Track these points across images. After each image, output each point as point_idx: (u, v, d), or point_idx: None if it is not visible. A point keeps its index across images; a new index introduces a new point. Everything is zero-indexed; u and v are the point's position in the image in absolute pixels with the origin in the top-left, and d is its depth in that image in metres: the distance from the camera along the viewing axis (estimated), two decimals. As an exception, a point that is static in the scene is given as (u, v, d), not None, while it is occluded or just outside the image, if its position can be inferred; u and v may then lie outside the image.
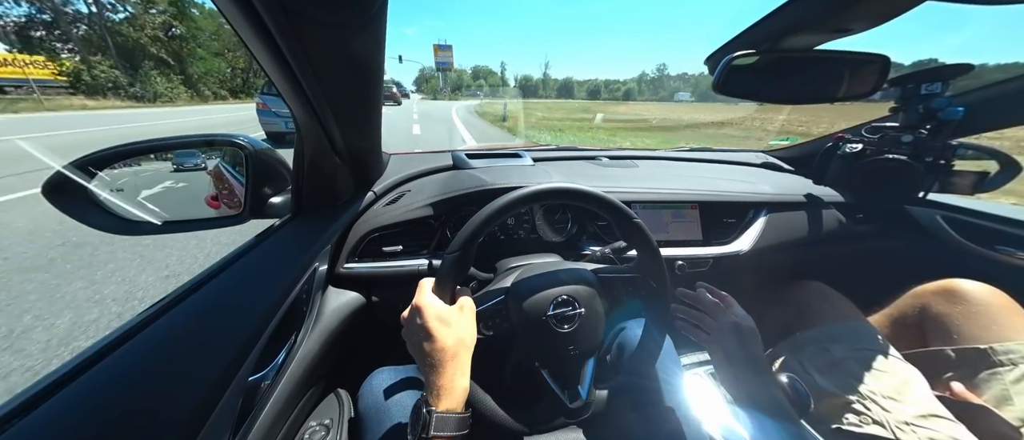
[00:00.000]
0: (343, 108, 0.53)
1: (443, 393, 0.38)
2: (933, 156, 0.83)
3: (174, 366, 0.36)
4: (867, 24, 0.54)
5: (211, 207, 0.69)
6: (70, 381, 0.32)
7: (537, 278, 0.51)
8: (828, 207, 0.98)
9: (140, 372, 0.34)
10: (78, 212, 0.50)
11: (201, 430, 0.34)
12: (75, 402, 0.30)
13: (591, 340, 0.50)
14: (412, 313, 0.42)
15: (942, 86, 0.80)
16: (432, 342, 0.39)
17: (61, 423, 0.28)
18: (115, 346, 0.36)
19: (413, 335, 0.41)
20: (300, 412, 0.57)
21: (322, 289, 0.64)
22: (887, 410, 0.57)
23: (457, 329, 0.41)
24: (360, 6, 0.35)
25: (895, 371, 0.62)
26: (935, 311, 0.72)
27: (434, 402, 0.37)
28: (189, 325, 0.41)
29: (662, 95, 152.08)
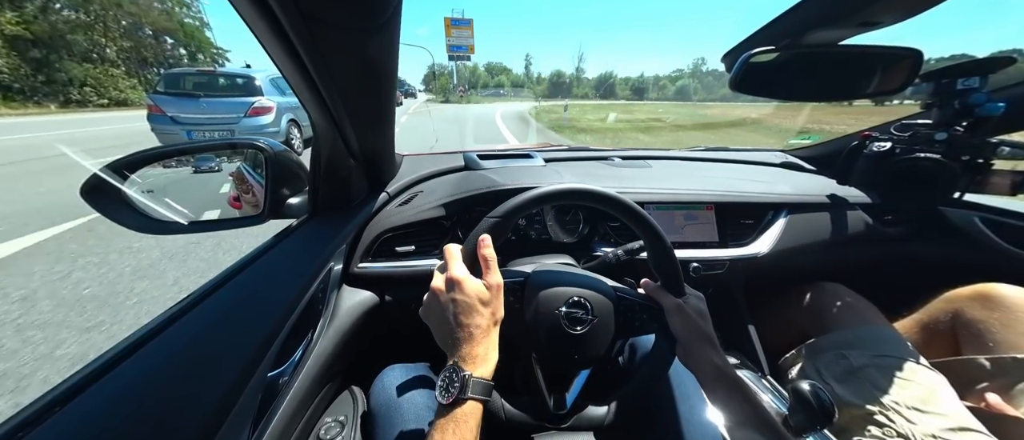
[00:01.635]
0: (358, 110, 0.54)
1: (478, 361, 0.38)
2: (970, 154, 0.79)
3: (198, 362, 0.37)
4: (897, 17, 0.51)
5: (234, 208, 0.72)
6: (102, 376, 0.34)
7: (558, 273, 0.51)
8: (853, 208, 0.94)
9: (166, 368, 0.36)
10: (113, 212, 0.53)
11: (223, 424, 0.35)
12: (106, 396, 0.32)
13: (594, 351, 0.49)
14: (448, 284, 0.42)
15: (981, 80, 0.75)
16: (470, 316, 0.40)
17: (94, 415, 0.30)
18: (144, 342, 0.38)
19: (447, 306, 0.41)
20: (316, 408, 0.59)
21: (337, 288, 0.65)
22: (912, 422, 0.54)
23: (493, 307, 0.42)
24: (375, 10, 0.36)
25: (921, 380, 0.59)
26: (969, 317, 0.68)
27: (469, 367, 0.38)
28: (212, 323, 0.42)
29: (724, 93, 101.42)
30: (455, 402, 0.36)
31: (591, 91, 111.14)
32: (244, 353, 0.40)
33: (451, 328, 0.40)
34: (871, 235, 0.93)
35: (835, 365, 0.67)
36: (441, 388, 0.37)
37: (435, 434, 0.35)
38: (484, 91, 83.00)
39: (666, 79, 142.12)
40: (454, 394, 0.36)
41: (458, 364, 0.38)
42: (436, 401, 0.37)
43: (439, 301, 0.42)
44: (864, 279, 0.87)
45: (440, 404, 0.36)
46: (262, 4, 0.31)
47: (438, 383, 0.38)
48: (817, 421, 0.50)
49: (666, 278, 0.51)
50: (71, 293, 1.80)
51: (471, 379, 0.37)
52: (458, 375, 0.37)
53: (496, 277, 0.44)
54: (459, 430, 0.35)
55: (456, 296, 0.41)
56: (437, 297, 0.42)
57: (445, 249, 0.45)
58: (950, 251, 0.94)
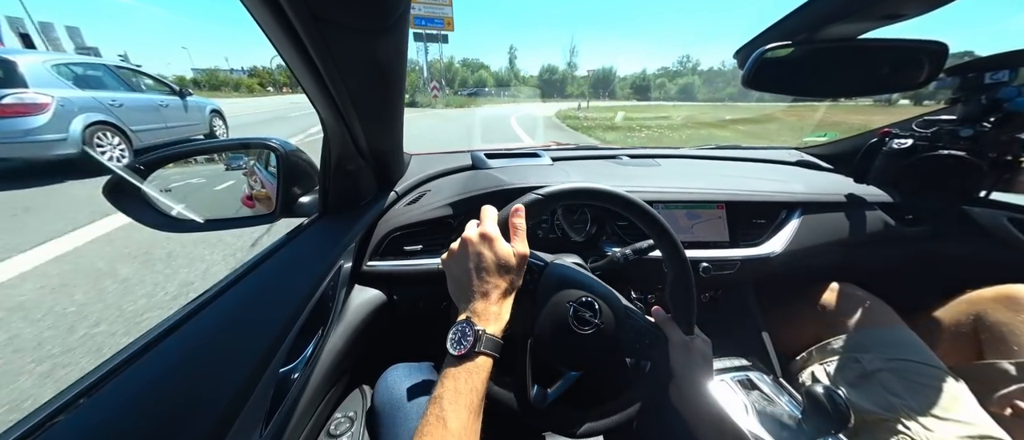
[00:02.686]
0: (367, 110, 0.55)
1: (492, 318, 0.39)
2: (998, 152, 0.75)
3: (212, 359, 0.38)
4: (921, 8, 0.49)
5: (247, 206, 0.74)
6: (121, 371, 0.35)
7: (577, 272, 0.51)
8: (872, 207, 0.91)
9: (182, 364, 0.37)
10: (133, 210, 0.54)
11: (236, 419, 0.36)
12: (125, 391, 0.33)
13: (589, 356, 0.49)
14: (480, 238, 0.42)
15: (1010, 74, 0.72)
16: (492, 275, 0.41)
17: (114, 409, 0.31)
18: (160, 339, 0.39)
19: (473, 258, 0.42)
20: (326, 404, 0.60)
21: (347, 286, 0.66)
22: (930, 429, 0.52)
23: (514, 274, 0.43)
24: (384, 11, 0.36)
25: (939, 385, 0.56)
26: (993, 319, 0.65)
27: (482, 323, 0.38)
28: (226, 320, 0.44)
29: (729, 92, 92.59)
30: (467, 355, 0.36)
31: (588, 90, 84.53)
32: (257, 350, 0.41)
33: (471, 280, 0.41)
34: (890, 235, 0.90)
35: (847, 369, 0.65)
36: (453, 340, 0.37)
37: (447, 382, 0.35)
38: (464, 90, 65.37)
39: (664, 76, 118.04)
40: (467, 347, 0.36)
41: (471, 319, 0.38)
42: (449, 354, 0.37)
43: (467, 251, 0.43)
44: (882, 280, 0.85)
45: (450, 355, 0.37)
46: (274, 5, 0.32)
47: (450, 335, 0.38)
48: (832, 425, 0.49)
49: (680, 312, 0.50)
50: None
51: (484, 334, 0.37)
52: (471, 328, 0.37)
53: (523, 247, 0.44)
54: (471, 380, 0.35)
55: (484, 251, 0.41)
56: (466, 247, 0.43)
57: (483, 208, 0.46)
58: (975, 252, 0.90)
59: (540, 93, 75.40)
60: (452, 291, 0.44)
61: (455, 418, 0.32)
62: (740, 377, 0.77)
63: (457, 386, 0.34)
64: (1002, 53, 0.72)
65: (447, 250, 0.45)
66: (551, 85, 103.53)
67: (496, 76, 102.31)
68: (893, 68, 0.62)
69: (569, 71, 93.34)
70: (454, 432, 0.31)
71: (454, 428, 0.32)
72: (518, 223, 0.45)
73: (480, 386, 0.35)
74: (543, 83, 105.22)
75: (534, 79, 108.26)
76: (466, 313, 0.40)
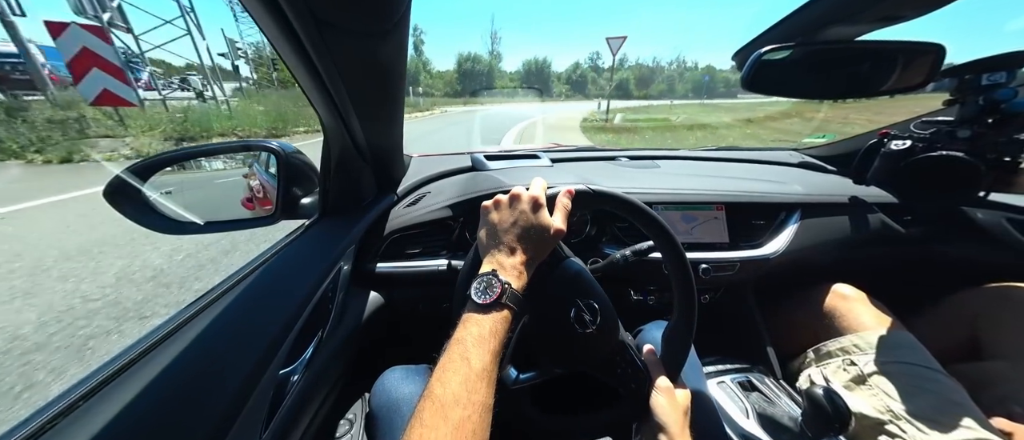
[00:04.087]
0: (367, 111, 0.55)
1: (516, 275, 0.39)
2: (996, 153, 0.76)
3: (212, 361, 0.38)
4: (919, 10, 0.50)
5: (247, 209, 0.74)
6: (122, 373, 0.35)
7: (593, 279, 0.51)
8: (871, 209, 0.91)
9: (182, 366, 0.37)
10: (133, 213, 0.55)
11: (237, 419, 0.36)
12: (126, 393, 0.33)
13: (574, 358, 0.48)
14: (529, 201, 0.43)
15: (1007, 75, 0.72)
16: (527, 237, 0.42)
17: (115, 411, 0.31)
18: (162, 341, 0.39)
19: (515, 215, 0.43)
20: (325, 407, 0.60)
21: (346, 288, 0.66)
22: (925, 432, 0.51)
23: (545, 247, 0.44)
24: (384, 15, 0.36)
25: (935, 388, 0.56)
26: (989, 318, 0.65)
27: (507, 276, 0.39)
28: (226, 321, 0.44)
29: (659, 88, 72.97)
30: (493, 304, 0.36)
31: (519, 85, 64.74)
32: (257, 351, 0.41)
33: (507, 233, 0.42)
34: (889, 236, 0.90)
35: (843, 372, 0.65)
36: (478, 290, 0.38)
37: (470, 327, 0.35)
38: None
39: (592, 71, 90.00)
40: (494, 296, 0.37)
41: (497, 272, 0.39)
42: (471, 303, 0.37)
43: (511, 207, 0.44)
44: (881, 282, 0.85)
45: (474, 303, 0.37)
46: (274, 8, 0.32)
47: (474, 285, 0.38)
48: (831, 427, 0.49)
49: (672, 358, 0.50)
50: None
51: (510, 288, 0.38)
52: (499, 280, 0.38)
53: (562, 225, 0.45)
54: (495, 327, 0.35)
55: (529, 212, 0.42)
56: (513, 201, 0.44)
57: (535, 178, 0.47)
58: (974, 253, 0.90)
59: (456, 92, 46.11)
60: (482, 237, 0.44)
61: (478, 359, 0.33)
62: (740, 379, 0.77)
63: (481, 332, 0.35)
64: (999, 54, 0.72)
65: (492, 199, 0.46)
66: (473, 79, 73.66)
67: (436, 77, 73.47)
68: (891, 69, 0.62)
69: (493, 61, 62.95)
70: (477, 372, 0.32)
71: (477, 368, 0.32)
72: (566, 203, 0.46)
73: (502, 336, 0.36)
74: (463, 76, 74.06)
75: (451, 72, 77.52)
76: (491, 265, 0.40)
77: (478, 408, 0.30)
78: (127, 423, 0.31)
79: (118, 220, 0.53)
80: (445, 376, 0.32)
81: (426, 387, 0.32)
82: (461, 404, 0.30)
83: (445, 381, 0.31)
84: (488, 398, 0.32)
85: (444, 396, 0.30)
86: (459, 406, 0.30)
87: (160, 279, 1.99)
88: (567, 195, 0.46)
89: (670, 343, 0.50)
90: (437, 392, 0.31)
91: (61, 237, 2.51)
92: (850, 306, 0.77)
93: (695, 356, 0.63)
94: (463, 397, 0.30)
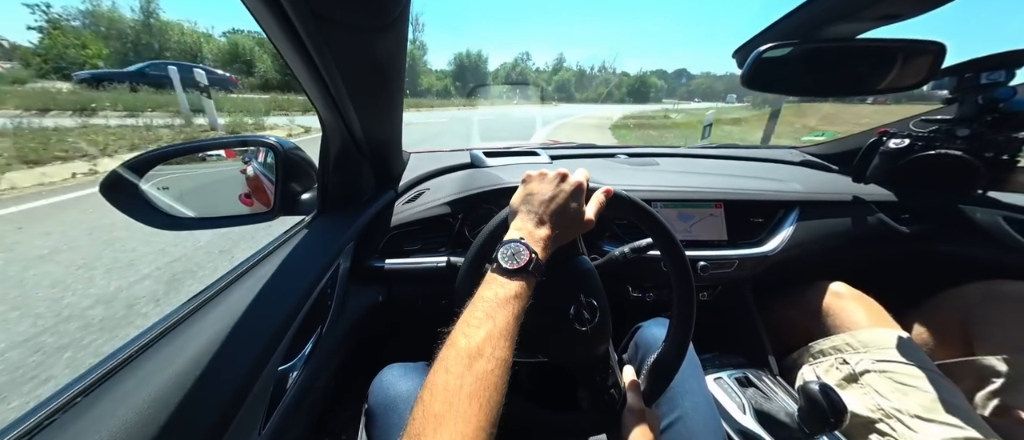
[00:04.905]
0: (366, 107, 0.55)
1: (541, 246, 0.40)
2: (994, 151, 0.76)
3: (211, 358, 0.38)
4: (918, 9, 0.50)
5: (244, 205, 0.74)
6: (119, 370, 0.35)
7: (599, 281, 0.51)
8: (869, 207, 0.91)
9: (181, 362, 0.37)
10: (130, 209, 0.54)
11: (236, 415, 0.36)
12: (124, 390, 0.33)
13: (561, 351, 0.49)
14: (572, 185, 0.44)
15: (1006, 74, 0.72)
16: (561, 215, 0.43)
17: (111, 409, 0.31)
18: (160, 337, 0.39)
19: (556, 190, 0.43)
20: (324, 402, 0.60)
21: (345, 285, 0.66)
22: (915, 431, 0.52)
23: (570, 232, 0.44)
24: (384, 10, 0.36)
25: (926, 386, 0.56)
26: (980, 315, 0.65)
27: (534, 246, 0.39)
28: (225, 318, 0.44)
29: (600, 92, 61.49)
30: (520, 271, 0.37)
31: (452, 84, 53.17)
32: (256, 347, 0.41)
33: (542, 204, 0.42)
34: (888, 234, 0.91)
35: (835, 370, 0.65)
36: (507, 254, 0.38)
37: (497, 289, 0.35)
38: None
39: (522, 68, 77.79)
40: (521, 263, 0.37)
41: (525, 240, 0.39)
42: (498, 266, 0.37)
43: (554, 182, 0.44)
44: (879, 279, 0.85)
45: (502, 268, 0.37)
46: (273, 2, 0.32)
47: (502, 250, 0.38)
48: (827, 422, 0.49)
49: (653, 384, 0.50)
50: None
51: (536, 258, 0.38)
52: (528, 249, 0.38)
53: (593, 216, 0.45)
54: (521, 294, 0.36)
55: (568, 193, 0.43)
56: (557, 179, 0.45)
57: (579, 169, 0.48)
58: (972, 251, 0.91)
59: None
60: (516, 201, 0.45)
61: (503, 319, 0.33)
62: (738, 375, 0.78)
63: (506, 293, 0.35)
64: (998, 53, 0.72)
65: (538, 171, 0.47)
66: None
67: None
68: (891, 68, 0.63)
69: (416, 52, 49.28)
70: (500, 330, 0.33)
71: (500, 326, 0.33)
72: (601, 200, 0.47)
73: (524, 301, 0.36)
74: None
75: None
76: (520, 232, 0.41)
77: (500, 363, 0.31)
78: (126, 419, 0.31)
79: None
80: (469, 330, 0.32)
81: (448, 338, 0.33)
82: (484, 357, 0.30)
83: (469, 335, 0.32)
84: (509, 357, 0.32)
85: (469, 348, 0.31)
86: (483, 359, 0.30)
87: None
88: (605, 194, 0.47)
89: (656, 369, 0.51)
90: (461, 343, 0.31)
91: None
92: (843, 304, 0.77)
93: (693, 352, 0.63)
94: (487, 351, 0.31)
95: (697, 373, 0.60)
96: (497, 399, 0.29)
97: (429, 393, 0.29)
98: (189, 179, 0.67)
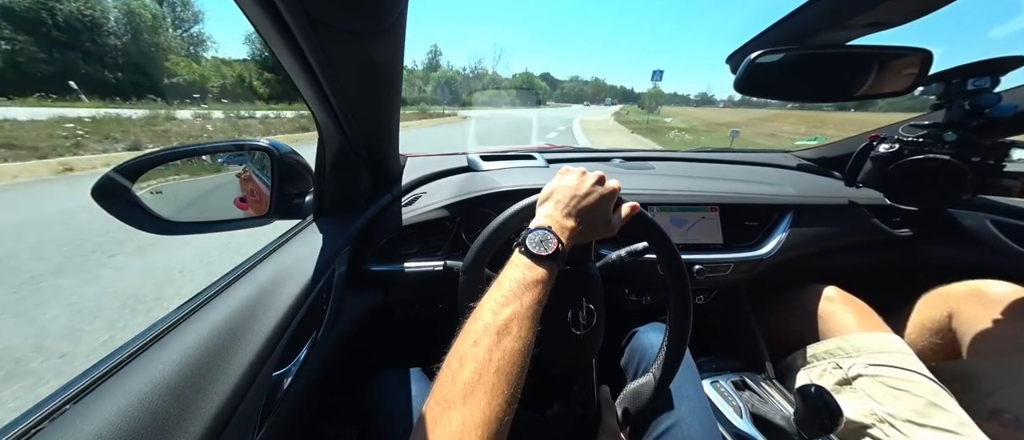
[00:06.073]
0: (363, 112, 0.55)
1: (567, 236, 0.41)
2: (981, 156, 0.78)
3: (205, 363, 0.38)
4: (905, 17, 0.51)
5: (240, 209, 0.73)
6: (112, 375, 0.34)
7: (601, 290, 0.52)
8: (861, 211, 0.93)
9: (174, 368, 0.36)
10: (123, 213, 0.53)
11: (229, 422, 0.35)
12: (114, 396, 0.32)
13: (550, 352, 0.48)
14: (609, 187, 0.46)
15: (991, 80, 0.74)
16: (590, 213, 0.43)
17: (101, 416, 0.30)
18: (152, 342, 0.39)
19: (588, 188, 0.45)
20: (319, 408, 0.59)
21: (341, 289, 0.66)
22: (908, 436, 0.52)
23: (594, 233, 0.45)
24: (381, 14, 0.36)
25: (918, 390, 0.57)
26: (965, 315, 0.66)
27: (562, 236, 0.40)
28: (219, 323, 0.43)
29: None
30: (547, 258, 0.37)
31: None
32: (250, 352, 0.41)
33: (575, 199, 0.43)
34: (878, 237, 0.92)
35: (828, 375, 0.65)
36: (536, 241, 0.39)
37: (525, 272, 0.36)
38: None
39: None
40: (549, 250, 0.38)
41: (554, 229, 0.40)
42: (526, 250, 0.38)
43: (591, 181, 0.45)
44: (871, 282, 0.86)
45: (530, 252, 0.37)
46: (269, 6, 0.32)
47: (530, 236, 0.39)
48: (823, 425, 0.50)
49: (632, 406, 0.50)
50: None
51: (562, 248, 0.39)
52: (556, 237, 0.39)
53: (617, 224, 0.46)
54: (547, 279, 0.36)
55: (600, 195, 0.44)
56: (597, 179, 0.46)
57: (614, 178, 0.49)
58: (960, 254, 0.92)
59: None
60: (548, 190, 0.46)
61: (530, 300, 0.34)
62: (734, 378, 0.78)
63: (535, 277, 0.36)
64: (984, 60, 0.74)
65: (568, 167, 0.48)
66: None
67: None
68: (880, 73, 0.64)
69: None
70: (526, 310, 0.33)
71: (527, 307, 0.34)
72: (625, 211, 0.48)
73: (548, 287, 0.37)
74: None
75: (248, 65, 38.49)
76: (548, 221, 0.41)
77: (525, 342, 0.31)
78: (116, 426, 0.30)
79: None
80: (496, 307, 0.33)
81: (474, 312, 0.33)
82: (512, 335, 0.31)
83: (497, 312, 0.32)
84: (532, 337, 0.33)
85: (497, 323, 0.31)
86: (510, 336, 0.31)
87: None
88: (632, 208, 0.48)
89: (636, 397, 0.51)
90: (488, 318, 0.32)
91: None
92: (835, 308, 0.78)
93: (689, 356, 0.63)
94: (514, 329, 0.31)
95: (693, 377, 0.61)
96: (521, 377, 0.30)
97: (458, 362, 0.29)
98: (183, 183, 0.66)
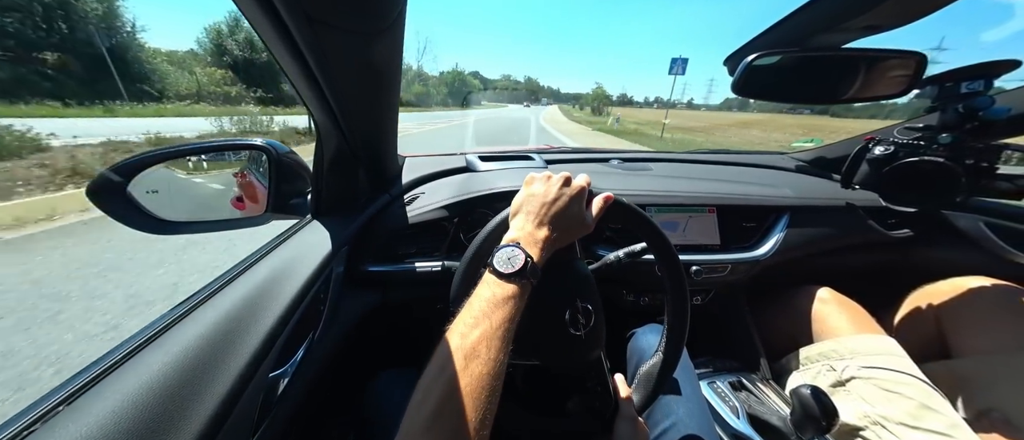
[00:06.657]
0: (361, 111, 0.55)
1: (538, 249, 0.40)
2: (975, 158, 0.78)
3: (200, 364, 0.37)
4: (899, 21, 0.51)
5: (236, 208, 0.73)
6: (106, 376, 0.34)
7: (594, 286, 0.51)
8: (857, 212, 0.93)
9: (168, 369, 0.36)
10: (118, 213, 0.53)
11: (225, 423, 0.35)
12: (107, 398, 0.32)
13: (554, 355, 0.48)
14: (575, 190, 0.45)
15: (985, 84, 0.75)
16: (561, 218, 0.42)
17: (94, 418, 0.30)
18: (146, 343, 0.38)
19: (557, 193, 0.44)
20: (317, 409, 0.59)
21: (339, 289, 0.65)
22: (900, 438, 0.53)
23: (570, 236, 0.44)
24: (380, 14, 0.36)
25: (911, 392, 0.57)
26: (950, 312, 0.66)
27: (530, 250, 0.39)
28: (215, 323, 0.43)
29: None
30: (514, 275, 0.36)
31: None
32: (247, 353, 0.40)
33: (544, 207, 0.42)
34: (875, 239, 0.93)
35: (822, 377, 0.66)
36: (502, 259, 0.38)
37: (496, 290, 0.35)
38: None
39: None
40: (516, 267, 0.37)
41: (521, 243, 0.39)
42: (493, 269, 0.37)
43: (557, 185, 0.44)
44: (867, 283, 0.87)
45: (497, 271, 0.37)
46: (267, 6, 0.32)
47: (498, 254, 0.38)
48: (818, 425, 0.50)
49: (644, 394, 0.50)
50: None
51: (532, 262, 0.38)
52: (524, 253, 0.38)
53: (594, 221, 0.45)
54: (515, 296, 0.35)
55: (570, 196, 0.43)
56: (559, 182, 0.45)
57: (582, 173, 0.48)
58: (954, 255, 0.93)
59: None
60: (516, 203, 0.45)
61: (498, 320, 0.33)
62: (731, 379, 0.78)
63: (503, 294, 0.35)
64: (977, 63, 0.75)
65: (544, 174, 0.47)
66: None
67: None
68: (876, 76, 0.64)
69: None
70: (495, 331, 0.32)
71: (496, 328, 0.33)
72: (602, 204, 0.47)
73: (519, 304, 0.36)
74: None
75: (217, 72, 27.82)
76: (518, 234, 0.41)
77: (495, 364, 0.31)
78: (110, 428, 0.30)
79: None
80: (464, 330, 0.32)
81: (443, 338, 0.32)
82: (480, 358, 0.30)
83: (464, 334, 0.32)
84: (504, 359, 0.32)
85: (464, 347, 0.31)
86: (478, 360, 0.30)
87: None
88: (604, 199, 0.47)
89: (648, 379, 0.51)
90: (456, 342, 0.31)
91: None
92: (829, 310, 0.78)
93: (687, 356, 0.64)
94: (482, 352, 0.31)
95: (691, 378, 0.61)
96: (492, 400, 0.29)
97: (422, 394, 0.28)
98: (179, 183, 0.66)
